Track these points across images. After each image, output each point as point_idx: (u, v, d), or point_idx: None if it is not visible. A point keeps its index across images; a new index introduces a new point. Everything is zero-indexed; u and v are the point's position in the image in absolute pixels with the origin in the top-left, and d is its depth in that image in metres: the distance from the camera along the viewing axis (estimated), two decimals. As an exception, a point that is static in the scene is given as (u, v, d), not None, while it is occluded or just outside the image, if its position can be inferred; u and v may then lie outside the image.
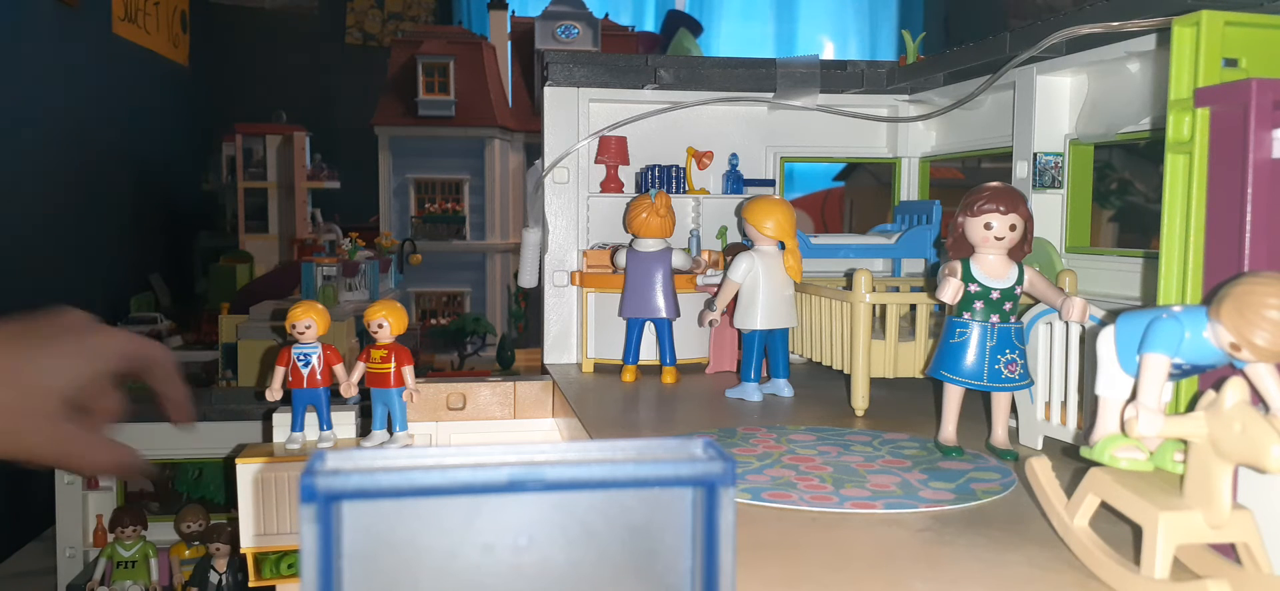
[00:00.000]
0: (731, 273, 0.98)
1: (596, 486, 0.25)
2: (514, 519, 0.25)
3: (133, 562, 1.94)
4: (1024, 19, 1.30)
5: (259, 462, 0.96)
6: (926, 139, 1.31)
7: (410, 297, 3.87)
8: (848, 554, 0.54)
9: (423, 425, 1.06)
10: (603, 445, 0.26)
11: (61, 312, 0.63)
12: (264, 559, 0.99)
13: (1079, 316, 0.69)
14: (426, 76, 3.83)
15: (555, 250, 1.22)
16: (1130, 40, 0.86)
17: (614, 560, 0.26)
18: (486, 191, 3.90)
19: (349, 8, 4.55)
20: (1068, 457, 0.72)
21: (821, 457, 0.74)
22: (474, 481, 0.25)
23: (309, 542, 0.23)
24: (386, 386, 0.95)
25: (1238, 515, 0.45)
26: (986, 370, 0.72)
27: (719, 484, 0.26)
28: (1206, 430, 0.45)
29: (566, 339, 1.23)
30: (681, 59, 1.27)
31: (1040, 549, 0.54)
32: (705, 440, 0.27)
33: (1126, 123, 0.92)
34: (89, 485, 2.09)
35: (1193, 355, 0.47)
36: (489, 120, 3.86)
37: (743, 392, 0.98)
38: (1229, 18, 0.52)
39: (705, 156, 1.25)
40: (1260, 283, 0.43)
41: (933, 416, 0.84)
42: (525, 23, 4.15)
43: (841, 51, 4.92)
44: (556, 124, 1.22)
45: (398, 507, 0.25)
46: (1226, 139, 0.50)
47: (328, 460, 0.24)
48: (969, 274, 0.72)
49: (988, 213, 0.70)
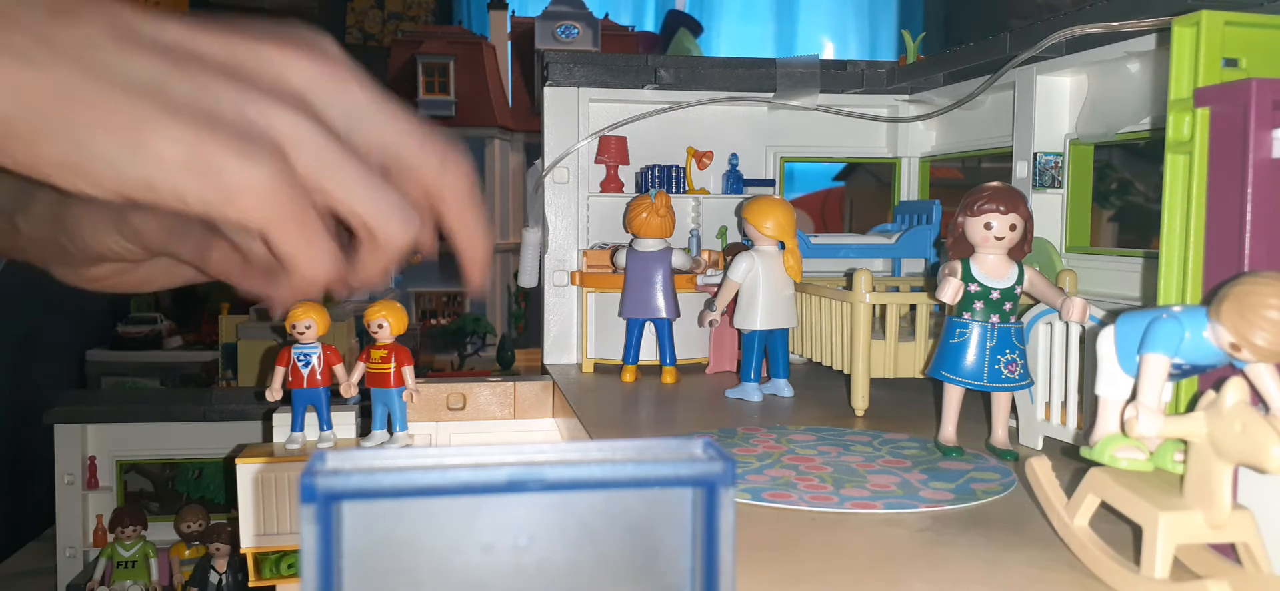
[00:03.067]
0: (731, 273, 0.98)
1: (596, 486, 0.25)
2: (514, 519, 0.25)
3: (133, 562, 1.94)
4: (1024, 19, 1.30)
5: (259, 462, 0.96)
6: (926, 139, 1.31)
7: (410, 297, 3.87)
8: (848, 554, 0.54)
9: (423, 425, 1.06)
10: (603, 445, 0.26)
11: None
12: (264, 559, 0.99)
13: (1079, 316, 0.69)
14: (426, 76, 3.83)
15: (555, 250, 1.23)
16: (1130, 40, 0.86)
17: (614, 560, 0.26)
18: (486, 191, 3.90)
19: (349, 8, 4.55)
20: (1068, 457, 0.72)
21: (821, 457, 0.74)
22: (474, 481, 0.25)
23: (309, 542, 0.23)
24: (386, 386, 0.95)
25: (1238, 515, 0.45)
26: (986, 370, 0.72)
27: (719, 484, 0.26)
28: (1206, 430, 0.45)
29: (566, 339, 1.23)
30: (681, 59, 1.27)
31: (1040, 549, 0.55)
32: (705, 440, 0.27)
33: (1126, 123, 0.92)
34: (89, 485, 2.09)
35: (1193, 355, 0.47)
36: (489, 120, 3.86)
37: (743, 392, 0.98)
38: (1229, 18, 0.52)
39: (705, 156, 1.25)
40: (1260, 282, 0.43)
41: (933, 416, 0.84)
42: (525, 23, 4.15)
43: (841, 51, 4.92)
44: (556, 124, 1.22)
45: (398, 507, 0.25)
46: (1226, 139, 0.50)
47: (328, 460, 0.24)
48: (969, 274, 0.72)
49: (988, 213, 0.70)
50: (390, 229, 0.39)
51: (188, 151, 0.34)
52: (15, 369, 2.55)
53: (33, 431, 2.16)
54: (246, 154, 0.35)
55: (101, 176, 0.34)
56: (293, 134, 0.37)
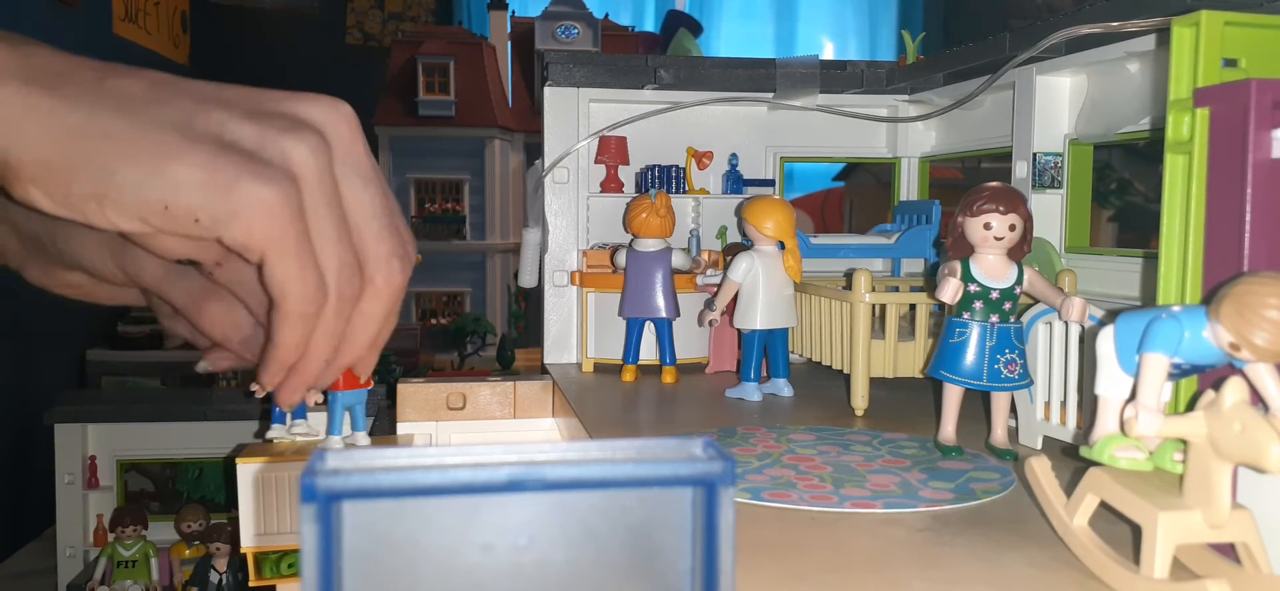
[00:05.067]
0: (731, 273, 0.98)
1: (596, 486, 0.25)
2: (514, 519, 0.25)
3: (133, 562, 1.94)
4: (1024, 19, 1.30)
5: (259, 462, 0.96)
6: (926, 139, 1.31)
7: (410, 297, 3.87)
8: (848, 553, 0.54)
9: (422, 425, 1.06)
10: (603, 445, 0.26)
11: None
12: (264, 558, 0.99)
13: (1079, 316, 0.69)
14: (426, 76, 3.83)
15: (555, 250, 1.23)
16: (1130, 40, 0.86)
17: (614, 560, 0.26)
18: (486, 191, 3.90)
19: (349, 8, 4.55)
20: (1067, 457, 0.72)
21: (821, 457, 0.74)
22: (474, 481, 0.25)
23: (309, 542, 0.23)
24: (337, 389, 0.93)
25: (1237, 515, 0.45)
26: (986, 370, 0.72)
27: (719, 484, 0.26)
28: (1206, 430, 0.45)
29: (566, 339, 1.23)
30: (681, 59, 1.27)
31: (1040, 549, 0.55)
32: (705, 440, 0.27)
33: (1126, 123, 0.92)
34: (89, 484, 2.09)
35: (1192, 355, 0.47)
36: (489, 120, 3.86)
37: (743, 392, 0.98)
38: (1229, 18, 0.52)
39: (705, 156, 1.25)
40: (1260, 283, 0.44)
41: (932, 416, 0.84)
42: (525, 23, 4.15)
43: (841, 51, 4.92)
44: (556, 124, 1.22)
45: (398, 507, 0.25)
46: (1226, 139, 0.50)
47: (328, 460, 0.24)
48: (968, 274, 0.72)
49: (987, 212, 0.70)
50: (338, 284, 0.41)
51: (204, 172, 0.37)
52: (15, 369, 2.55)
53: (33, 431, 2.16)
54: (259, 174, 0.38)
55: (125, 202, 0.37)
56: (302, 165, 0.39)
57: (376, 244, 0.42)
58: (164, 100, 0.39)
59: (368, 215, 0.42)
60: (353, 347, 0.44)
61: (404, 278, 0.43)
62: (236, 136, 0.39)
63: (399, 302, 0.44)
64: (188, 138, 0.38)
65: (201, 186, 0.37)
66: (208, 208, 0.37)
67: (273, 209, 0.38)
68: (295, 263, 0.39)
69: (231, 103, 0.40)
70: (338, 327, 0.42)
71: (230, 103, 0.40)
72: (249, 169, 0.38)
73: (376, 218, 0.42)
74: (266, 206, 0.38)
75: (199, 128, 0.38)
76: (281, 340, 0.41)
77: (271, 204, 0.38)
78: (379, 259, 0.42)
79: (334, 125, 0.42)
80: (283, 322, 0.41)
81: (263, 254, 0.39)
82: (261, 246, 0.38)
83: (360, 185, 0.42)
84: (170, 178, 0.37)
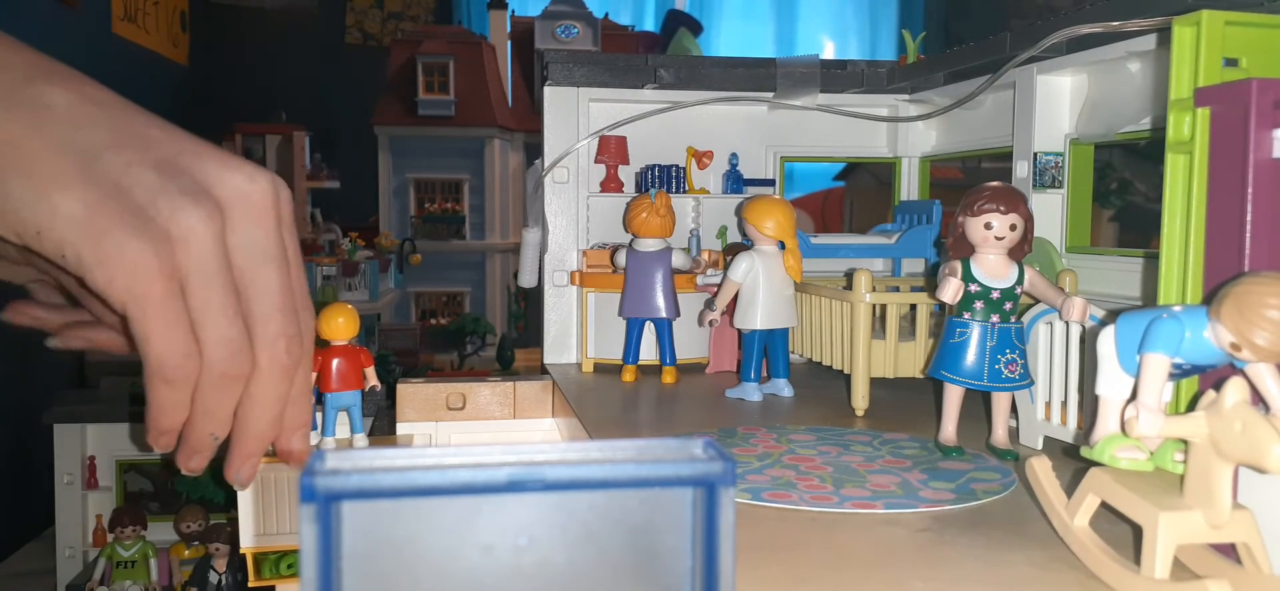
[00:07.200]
0: (731, 272, 0.98)
1: (596, 486, 0.25)
2: (514, 519, 0.25)
3: (132, 562, 1.94)
4: (1024, 19, 1.30)
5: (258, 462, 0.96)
6: (926, 139, 1.31)
7: (410, 297, 3.87)
8: (848, 554, 0.54)
9: (422, 425, 1.06)
10: (603, 445, 0.26)
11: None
12: (264, 559, 0.99)
13: (1079, 316, 0.69)
14: (426, 76, 3.83)
15: (555, 250, 1.22)
16: (1130, 40, 0.86)
17: (614, 560, 0.26)
18: (486, 191, 3.90)
19: (349, 8, 4.55)
20: (1068, 457, 0.72)
21: (821, 457, 0.74)
22: (474, 481, 0.25)
23: (309, 542, 0.23)
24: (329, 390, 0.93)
25: (1238, 515, 0.45)
26: (987, 370, 0.72)
27: (719, 484, 0.26)
28: (1206, 430, 0.45)
29: (566, 339, 1.23)
30: (681, 59, 1.27)
31: (1040, 549, 0.54)
32: (705, 440, 0.27)
33: (1126, 123, 0.92)
34: (89, 485, 2.09)
35: (1193, 355, 0.47)
36: (489, 120, 3.86)
37: (743, 392, 0.98)
38: (1229, 17, 0.52)
39: (705, 156, 1.25)
40: (1260, 282, 0.43)
41: (933, 416, 0.84)
42: (525, 23, 4.16)
43: (841, 51, 4.92)
44: (556, 124, 1.22)
45: (398, 507, 0.25)
46: (1227, 139, 0.50)
47: (327, 460, 0.24)
48: (969, 274, 0.72)
49: (988, 212, 0.70)
50: (217, 358, 0.40)
51: (85, 210, 0.37)
52: (15, 369, 2.55)
53: (33, 431, 2.16)
54: (136, 229, 0.37)
55: (3, 212, 0.37)
56: (187, 231, 0.39)
57: (263, 323, 0.41)
58: (82, 122, 0.38)
59: (260, 293, 0.41)
60: (249, 429, 0.42)
61: (292, 360, 0.42)
62: (133, 183, 0.38)
63: (297, 387, 0.43)
64: (84, 172, 0.37)
65: (77, 224, 0.37)
66: (76, 245, 0.37)
67: (137, 266, 0.37)
68: (158, 324, 0.38)
69: (149, 145, 0.39)
70: (218, 403, 0.41)
71: (148, 145, 0.39)
72: (128, 221, 0.37)
73: (268, 297, 0.41)
74: (131, 263, 0.37)
75: (102, 164, 0.38)
76: (149, 400, 0.40)
77: (137, 262, 0.37)
78: (265, 339, 0.41)
79: (243, 198, 0.41)
80: (147, 383, 0.40)
81: (124, 307, 0.38)
82: (122, 300, 0.38)
83: (258, 262, 0.41)
84: (51, 205, 0.37)
